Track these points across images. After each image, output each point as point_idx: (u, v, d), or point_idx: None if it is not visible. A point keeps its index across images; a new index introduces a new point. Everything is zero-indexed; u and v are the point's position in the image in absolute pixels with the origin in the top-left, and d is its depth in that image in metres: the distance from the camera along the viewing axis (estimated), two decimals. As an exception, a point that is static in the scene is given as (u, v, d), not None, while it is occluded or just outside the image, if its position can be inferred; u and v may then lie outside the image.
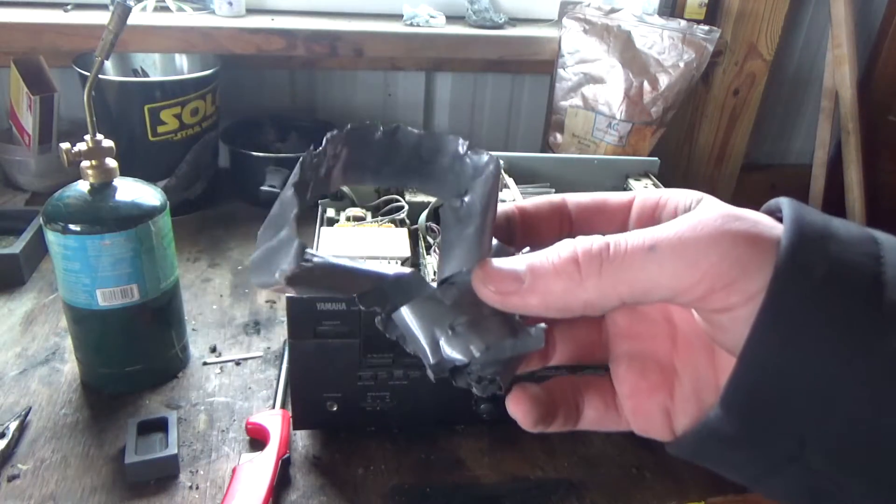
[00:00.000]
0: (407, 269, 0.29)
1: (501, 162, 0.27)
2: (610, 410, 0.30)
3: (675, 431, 0.28)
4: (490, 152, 0.29)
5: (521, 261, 0.26)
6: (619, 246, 0.24)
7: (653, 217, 0.29)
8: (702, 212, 0.25)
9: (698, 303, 0.24)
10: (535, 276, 0.25)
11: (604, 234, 0.26)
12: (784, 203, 0.25)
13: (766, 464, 0.25)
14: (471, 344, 0.26)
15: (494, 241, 0.28)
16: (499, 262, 0.26)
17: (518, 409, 0.29)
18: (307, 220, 0.93)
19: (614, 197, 0.30)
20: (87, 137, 0.58)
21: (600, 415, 0.30)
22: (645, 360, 0.29)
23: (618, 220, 0.30)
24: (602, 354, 0.31)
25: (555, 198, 0.31)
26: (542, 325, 0.27)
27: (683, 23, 1.05)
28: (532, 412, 0.29)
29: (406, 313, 0.28)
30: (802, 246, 0.23)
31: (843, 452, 0.23)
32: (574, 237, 0.26)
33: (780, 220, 0.24)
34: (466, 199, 0.28)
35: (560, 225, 0.31)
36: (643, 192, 0.30)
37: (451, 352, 0.26)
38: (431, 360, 0.27)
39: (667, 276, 0.24)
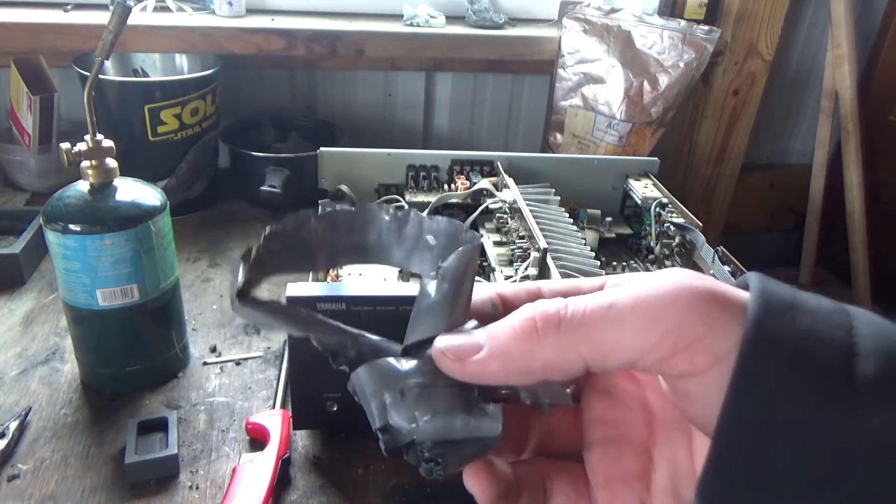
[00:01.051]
0: (373, 336, 0.28)
1: (479, 240, 0.27)
2: (582, 499, 0.28)
3: None
4: (468, 229, 0.29)
5: (480, 330, 0.25)
6: (578, 306, 0.24)
7: None
8: (663, 272, 0.24)
9: (662, 365, 0.23)
10: (493, 341, 0.25)
11: None
12: (751, 276, 0.24)
13: None
14: (416, 410, 0.25)
15: (473, 322, 0.27)
16: (458, 332, 0.26)
17: (476, 483, 0.27)
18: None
19: (586, 283, 0.30)
20: (87, 137, 0.58)
21: (571, 503, 0.29)
22: (620, 447, 0.28)
23: None
24: (577, 444, 0.30)
25: (531, 286, 0.30)
26: (499, 404, 0.26)
27: (683, 23, 1.05)
28: (491, 488, 0.27)
29: (363, 373, 0.27)
30: (770, 316, 0.22)
31: None
32: None
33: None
34: (441, 266, 0.28)
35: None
36: (613, 278, 0.29)
37: (397, 417, 0.25)
38: (377, 424, 0.26)
39: (627, 335, 0.23)
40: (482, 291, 0.29)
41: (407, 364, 0.27)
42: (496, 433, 0.25)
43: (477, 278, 0.29)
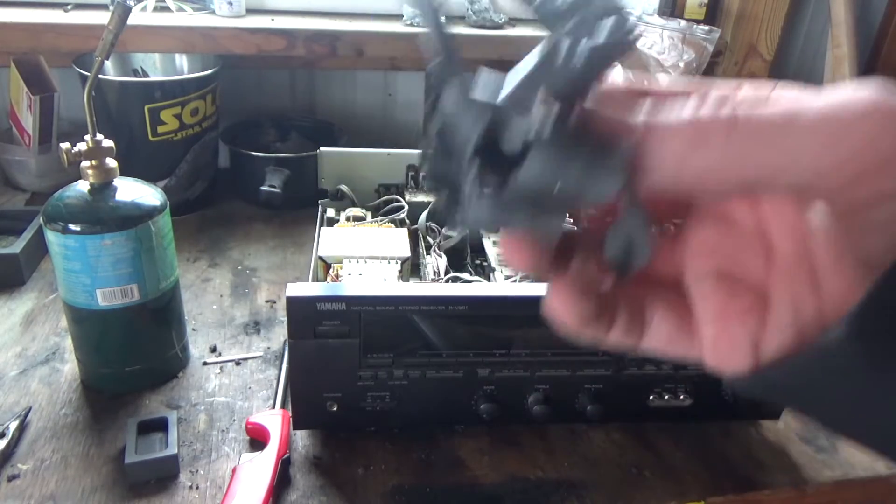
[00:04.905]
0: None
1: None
2: (682, 332, 0.25)
3: (759, 364, 0.24)
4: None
5: (640, 112, 0.21)
6: (754, 112, 0.20)
7: None
8: (853, 86, 0.20)
9: (843, 191, 0.20)
10: (649, 130, 0.21)
11: None
12: None
13: (882, 401, 0.21)
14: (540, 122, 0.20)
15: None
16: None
17: (558, 302, 0.24)
18: (307, 221, 0.93)
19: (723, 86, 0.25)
20: (87, 137, 0.58)
21: (671, 334, 0.26)
22: (734, 280, 0.24)
23: None
24: (676, 272, 0.26)
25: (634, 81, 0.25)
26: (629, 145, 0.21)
27: (683, 23, 1.05)
28: (577, 308, 0.24)
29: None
30: None
31: None
32: None
33: None
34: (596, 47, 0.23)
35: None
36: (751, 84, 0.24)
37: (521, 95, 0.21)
38: (501, 100, 0.22)
39: (811, 149, 0.19)
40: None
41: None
42: (613, 191, 0.21)
43: (477, 277, 0.27)
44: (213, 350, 0.72)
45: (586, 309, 0.24)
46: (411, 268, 0.72)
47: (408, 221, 0.81)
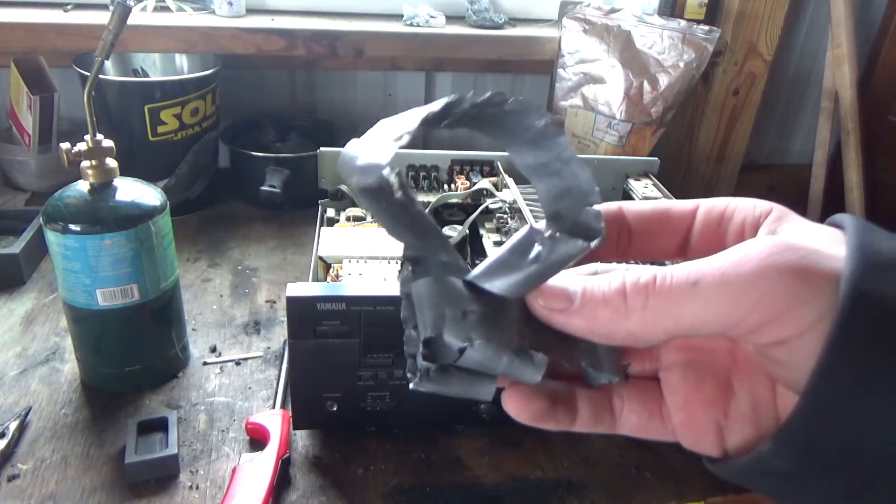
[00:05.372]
0: (449, 252, 0.28)
1: (598, 242, 0.27)
2: (654, 419, 0.29)
3: (725, 450, 0.27)
4: (596, 214, 0.27)
5: (576, 282, 0.26)
6: (665, 280, 0.24)
7: (717, 231, 0.28)
8: (749, 245, 0.24)
9: (750, 336, 0.23)
10: (585, 301, 0.25)
11: (664, 250, 0.28)
12: (848, 225, 0.24)
13: (822, 500, 0.25)
14: (472, 333, 0.25)
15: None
16: (555, 278, 0.26)
17: (512, 400, 0.27)
18: (307, 221, 0.93)
19: (677, 205, 0.29)
20: (87, 137, 0.58)
21: (643, 422, 0.29)
22: (701, 372, 0.28)
23: (681, 232, 0.29)
24: (651, 363, 0.30)
25: (610, 206, 0.29)
26: (546, 357, 0.26)
27: (683, 23, 1.05)
28: (531, 403, 0.27)
29: (427, 284, 0.27)
30: (869, 275, 0.21)
31: None
32: (631, 250, 0.27)
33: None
34: (553, 240, 0.27)
35: (618, 237, 0.29)
36: (708, 202, 0.29)
37: (450, 334, 0.25)
38: (429, 332, 0.25)
39: (711, 312, 0.23)
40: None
41: (473, 292, 0.27)
42: (534, 381, 0.26)
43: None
44: (213, 350, 0.72)
45: (540, 406, 0.28)
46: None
47: (408, 221, 0.81)
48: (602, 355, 0.28)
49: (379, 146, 0.25)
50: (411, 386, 0.27)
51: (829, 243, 0.23)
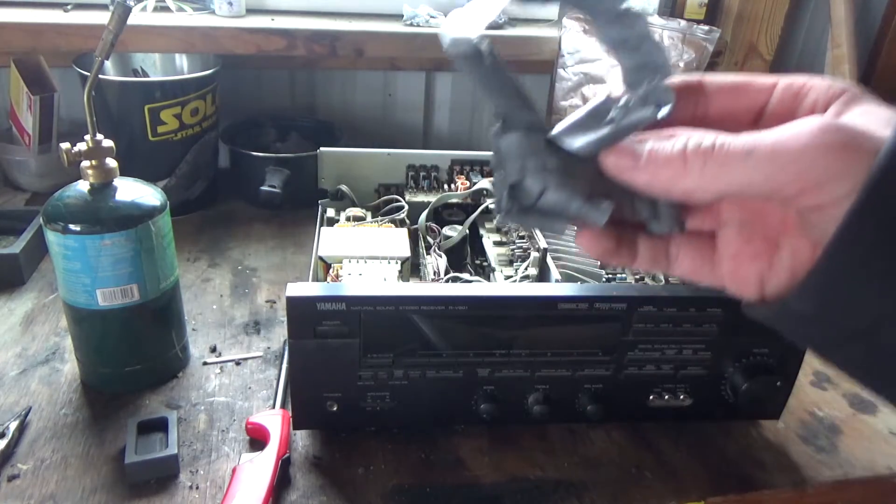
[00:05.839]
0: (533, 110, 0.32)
1: (666, 110, 0.31)
2: (706, 265, 0.34)
3: (763, 296, 0.32)
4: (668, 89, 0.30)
5: (648, 143, 0.29)
6: (723, 147, 0.27)
7: (791, 107, 0.31)
8: (803, 122, 0.27)
9: (791, 201, 0.27)
10: (649, 160, 0.29)
11: (739, 121, 0.31)
12: None
13: (829, 340, 0.29)
14: (549, 180, 0.30)
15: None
16: (628, 141, 0.30)
17: (584, 237, 0.33)
18: (307, 221, 0.93)
19: (758, 80, 0.32)
20: (87, 137, 0.58)
21: (695, 267, 0.34)
22: (754, 230, 0.32)
23: (757, 105, 0.32)
24: (712, 219, 0.34)
25: (691, 77, 0.33)
26: (611, 203, 0.31)
27: (683, 23, 1.05)
28: (601, 242, 0.33)
29: (516, 139, 0.31)
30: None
31: None
32: (708, 118, 0.31)
33: None
34: (627, 109, 0.31)
35: (696, 106, 0.33)
36: (787, 78, 0.32)
37: (531, 180, 0.30)
38: (513, 178, 0.31)
39: (759, 178, 0.27)
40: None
41: (552, 148, 0.31)
42: (600, 224, 0.31)
43: (477, 277, 0.31)
44: (213, 350, 0.72)
45: (607, 245, 0.33)
46: (411, 268, 0.72)
47: (408, 221, 0.81)
48: (663, 209, 0.32)
49: (472, 21, 0.31)
50: (496, 220, 0.32)
51: (884, 126, 0.26)
